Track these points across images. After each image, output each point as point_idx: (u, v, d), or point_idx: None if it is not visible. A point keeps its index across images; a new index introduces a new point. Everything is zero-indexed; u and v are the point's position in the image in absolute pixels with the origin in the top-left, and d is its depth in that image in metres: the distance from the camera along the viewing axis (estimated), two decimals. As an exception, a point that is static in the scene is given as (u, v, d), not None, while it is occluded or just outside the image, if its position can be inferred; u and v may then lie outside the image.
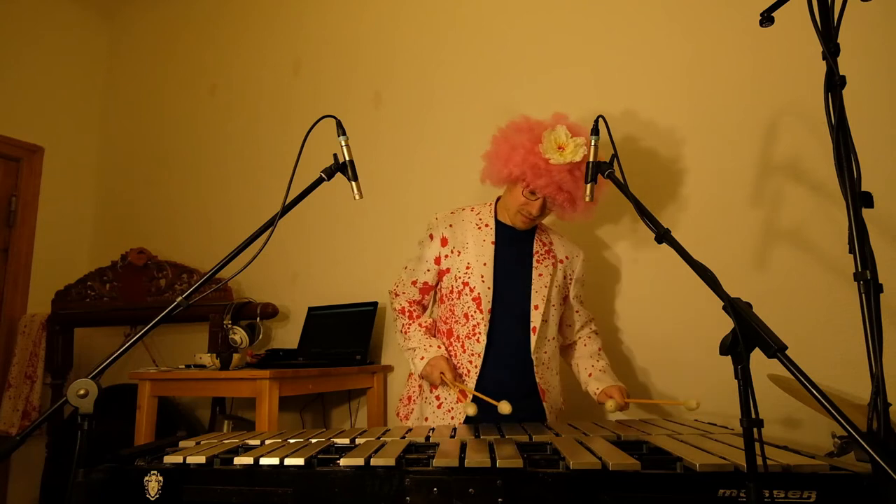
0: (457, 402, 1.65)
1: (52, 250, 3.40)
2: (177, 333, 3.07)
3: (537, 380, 1.67)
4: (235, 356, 2.24)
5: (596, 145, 1.40)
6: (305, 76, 2.98)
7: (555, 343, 1.75)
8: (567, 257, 1.78)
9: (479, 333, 1.64)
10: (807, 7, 1.04)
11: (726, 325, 0.87)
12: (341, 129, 1.40)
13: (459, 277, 1.69)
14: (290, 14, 3.09)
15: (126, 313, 3.02)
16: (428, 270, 1.76)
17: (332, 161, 1.39)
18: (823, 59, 1.02)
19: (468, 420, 1.58)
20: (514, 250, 1.72)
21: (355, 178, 1.40)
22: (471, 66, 2.52)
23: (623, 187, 1.28)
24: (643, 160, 2.10)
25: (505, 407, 1.46)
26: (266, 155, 3.03)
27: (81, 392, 0.99)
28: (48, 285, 3.24)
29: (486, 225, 1.73)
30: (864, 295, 0.92)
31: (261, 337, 2.70)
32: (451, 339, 1.69)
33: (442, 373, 1.60)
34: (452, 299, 1.71)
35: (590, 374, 1.74)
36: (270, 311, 2.74)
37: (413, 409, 1.76)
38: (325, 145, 1.48)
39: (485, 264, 1.67)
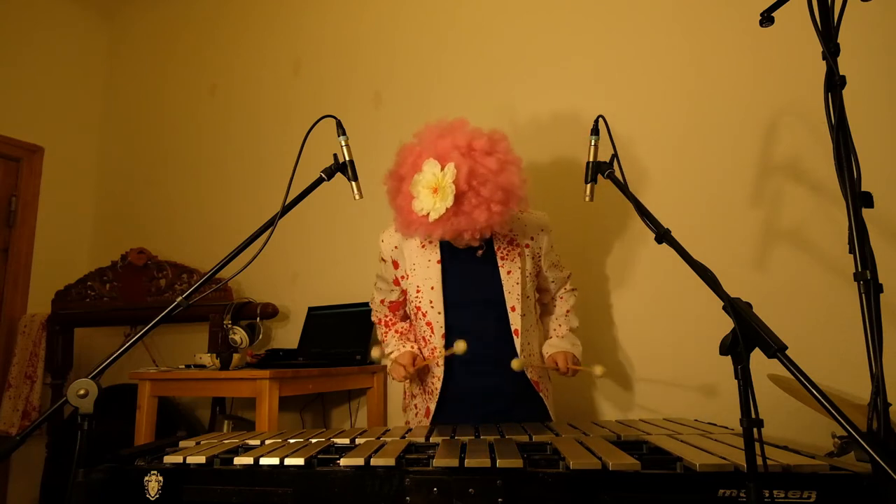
0: (425, 394, 1.67)
1: (52, 250, 3.40)
2: (177, 333, 3.07)
3: (530, 378, 1.62)
4: (235, 356, 2.24)
5: (596, 145, 1.40)
6: (305, 76, 2.98)
7: (536, 327, 1.71)
8: (532, 237, 1.66)
9: (438, 357, 1.60)
10: (807, 7, 1.04)
11: (726, 325, 0.87)
12: (341, 129, 1.40)
13: (412, 301, 1.66)
14: (290, 14, 3.09)
15: (126, 313, 3.02)
16: (392, 290, 1.76)
17: (332, 161, 1.39)
18: (823, 59, 1.02)
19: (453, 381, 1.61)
20: (469, 257, 1.62)
21: (355, 178, 1.40)
22: (471, 65, 2.52)
23: (623, 187, 1.28)
24: (643, 160, 2.10)
25: (460, 345, 1.47)
26: (266, 155, 3.03)
27: (81, 392, 0.99)
28: (48, 285, 3.24)
29: (430, 242, 1.62)
30: (864, 295, 0.92)
31: (261, 337, 2.70)
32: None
33: (405, 367, 1.58)
34: (413, 321, 1.70)
35: (549, 337, 1.75)
36: (270, 311, 2.74)
37: (415, 402, 1.74)
38: (325, 145, 1.48)
39: (432, 288, 1.60)
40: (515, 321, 1.59)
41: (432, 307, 1.60)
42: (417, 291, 1.63)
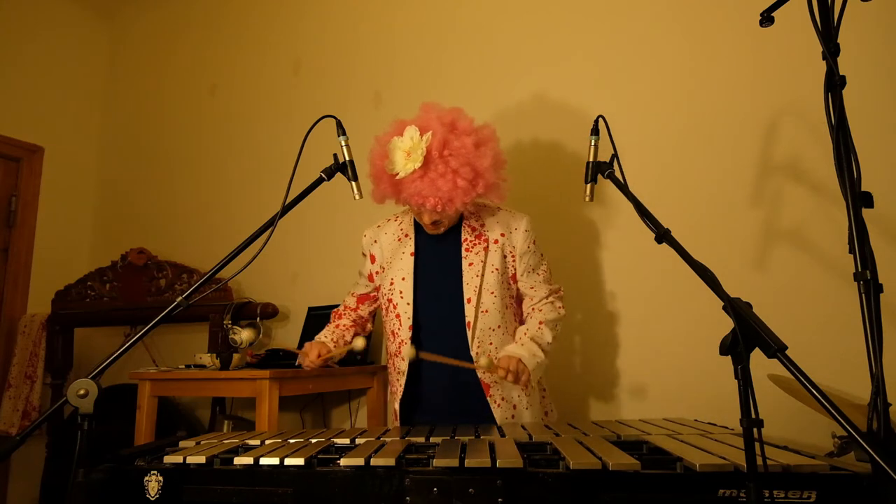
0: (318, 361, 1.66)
1: (52, 250, 3.40)
2: (177, 333, 3.07)
3: (479, 375, 1.57)
4: (235, 356, 2.24)
5: (596, 145, 1.40)
6: (305, 76, 2.98)
7: (503, 331, 1.62)
8: (503, 234, 1.65)
9: (403, 352, 1.61)
10: (807, 7, 1.05)
11: (726, 324, 0.87)
12: (341, 129, 1.40)
13: (385, 294, 1.69)
14: (290, 14, 3.09)
15: (126, 313, 3.02)
16: (366, 285, 1.81)
17: (332, 161, 1.39)
18: (823, 59, 1.02)
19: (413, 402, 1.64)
20: (440, 249, 1.66)
21: (355, 178, 1.41)
22: (471, 65, 2.52)
23: (623, 187, 1.28)
24: (643, 160, 2.09)
25: (359, 342, 1.60)
26: (266, 155, 3.03)
27: (81, 392, 0.99)
28: (48, 285, 3.24)
29: (406, 235, 1.70)
30: (864, 295, 0.93)
31: (261, 337, 2.70)
32: (390, 356, 1.71)
33: (309, 357, 1.62)
34: (384, 317, 1.72)
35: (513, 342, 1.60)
36: (270, 311, 2.74)
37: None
38: (325, 145, 1.48)
39: (403, 279, 1.64)
40: (469, 313, 1.58)
41: (402, 298, 1.63)
42: (391, 284, 1.67)
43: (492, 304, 1.60)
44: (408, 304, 1.62)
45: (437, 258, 1.66)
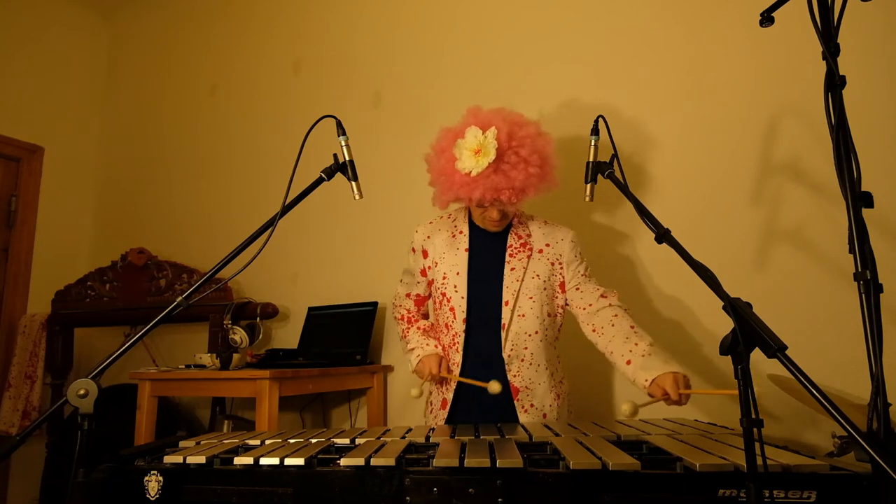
0: (440, 386, 1.70)
1: (52, 250, 3.40)
2: (177, 333, 3.07)
3: (509, 378, 1.61)
4: (235, 356, 2.24)
5: (596, 145, 1.40)
6: (305, 76, 2.98)
7: (540, 338, 1.64)
8: (548, 244, 1.70)
9: (458, 344, 1.65)
10: (807, 7, 1.04)
11: (726, 324, 0.87)
12: (341, 129, 1.40)
13: (438, 288, 1.71)
14: (290, 14, 3.09)
15: (126, 313, 3.02)
16: (419, 283, 1.80)
17: (332, 161, 1.39)
18: (823, 59, 1.02)
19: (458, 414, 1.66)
20: (490, 252, 1.70)
21: (355, 178, 1.40)
22: (471, 65, 2.52)
23: (623, 187, 1.28)
24: (643, 160, 2.10)
25: (494, 386, 1.49)
26: (266, 155, 3.03)
27: (81, 392, 0.99)
28: (48, 285, 3.24)
29: (461, 232, 1.73)
30: (864, 295, 0.92)
31: (261, 337, 2.70)
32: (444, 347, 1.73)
33: (431, 369, 1.63)
34: (436, 310, 1.74)
35: (628, 362, 1.44)
36: (270, 311, 2.74)
37: (430, 398, 1.79)
38: (325, 145, 1.48)
39: (458, 273, 1.67)
40: (505, 315, 1.62)
41: (456, 292, 1.66)
42: (444, 278, 1.69)
43: (529, 310, 1.63)
44: (462, 297, 1.65)
45: (486, 259, 1.70)
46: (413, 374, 1.72)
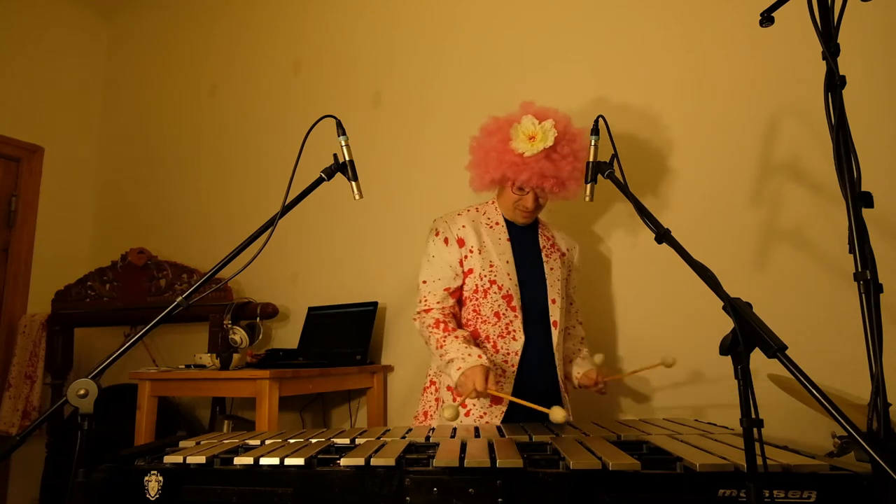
0: (490, 406, 1.59)
1: (52, 250, 3.40)
2: (177, 333, 3.07)
3: (559, 375, 1.70)
4: (235, 356, 2.24)
5: (596, 145, 1.40)
6: (305, 76, 2.98)
7: (566, 335, 1.82)
8: (568, 249, 1.83)
9: (515, 331, 1.63)
10: (807, 7, 1.04)
11: (726, 324, 0.87)
12: (341, 129, 1.40)
13: (485, 276, 1.65)
14: (290, 14, 3.09)
15: (126, 313, 3.02)
16: (456, 276, 1.67)
17: (332, 161, 1.39)
18: (823, 59, 1.02)
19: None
20: (525, 246, 1.74)
21: (355, 178, 1.40)
22: (471, 65, 2.52)
23: (623, 187, 1.28)
24: (643, 160, 2.10)
25: (557, 414, 1.20)
26: (266, 155, 3.03)
27: (81, 392, 0.99)
28: (48, 285, 3.24)
29: (497, 223, 1.74)
30: (864, 295, 0.92)
31: (261, 337, 2.70)
32: (481, 341, 1.64)
33: (476, 384, 1.42)
34: (478, 299, 1.65)
35: (570, 360, 1.82)
36: (270, 311, 2.74)
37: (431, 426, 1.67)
38: (325, 145, 1.48)
39: (507, 262, 1.68)
40: (555, 313, 1.69)
41: (510, 279, 1.66)
42: (490, 266, 1.67)
43: (565, 310, 1.76)
44: (516, 284, 1.66)
45: (522, 253, 1.73)
46: (449, 391, 1.59)
